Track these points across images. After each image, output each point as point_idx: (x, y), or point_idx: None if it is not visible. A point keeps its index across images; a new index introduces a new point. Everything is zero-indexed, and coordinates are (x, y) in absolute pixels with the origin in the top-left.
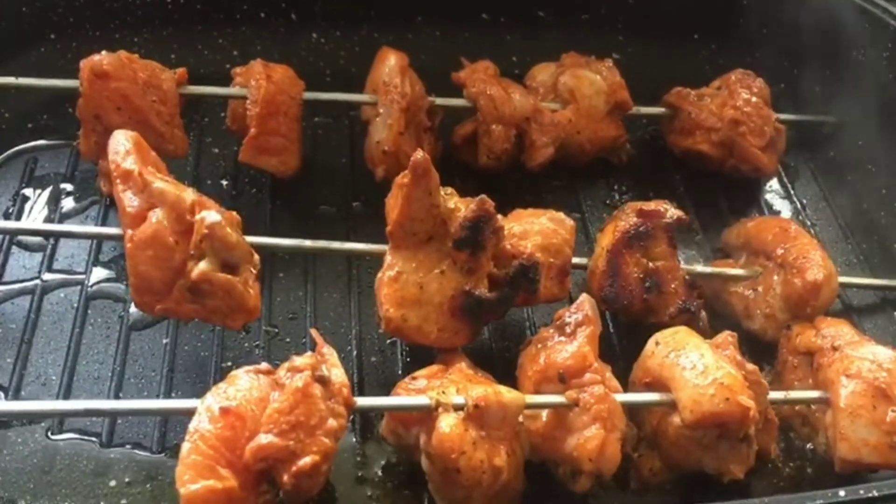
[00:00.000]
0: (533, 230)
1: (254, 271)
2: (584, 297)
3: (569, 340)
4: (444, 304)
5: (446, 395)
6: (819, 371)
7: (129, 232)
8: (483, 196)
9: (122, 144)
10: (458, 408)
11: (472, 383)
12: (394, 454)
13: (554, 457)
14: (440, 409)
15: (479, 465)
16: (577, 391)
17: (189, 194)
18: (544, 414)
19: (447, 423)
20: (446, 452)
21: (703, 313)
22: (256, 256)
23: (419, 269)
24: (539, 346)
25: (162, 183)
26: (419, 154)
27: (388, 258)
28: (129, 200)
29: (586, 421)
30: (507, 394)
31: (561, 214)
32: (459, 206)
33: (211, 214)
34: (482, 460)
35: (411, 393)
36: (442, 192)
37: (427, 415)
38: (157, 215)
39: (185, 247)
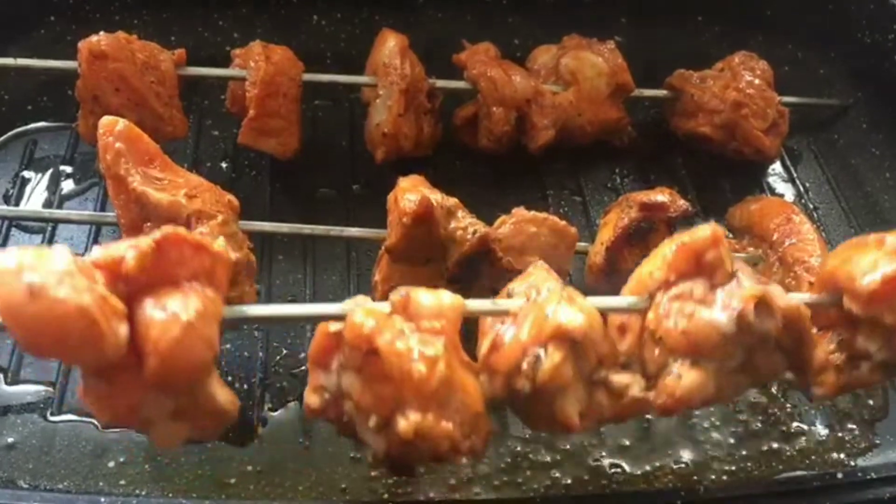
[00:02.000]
0: (531, 245)
1: (250, 288)
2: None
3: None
4: None
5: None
6: None
7: (124, 236)
8: (486, 232)
9: (111, 142)
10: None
11: None
12: None
13: (512, 355)
14: (358, 307)
15: (405, 352)
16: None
17: (184, 203)
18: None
19: (361, 311)
20: (359, 331)
21: None
22: (253, 259)
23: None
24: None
25: (157, 194)
26: (421, 202)
27: (384, 266)
28: (123, 208)
29: (542, 301)
30: (441, 293)
31: (563, 224)
32: (465, 224)
33: (206, 234)
34: (410, 347)
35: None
36: (446, 202)
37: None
38: (151, 232)
39: None
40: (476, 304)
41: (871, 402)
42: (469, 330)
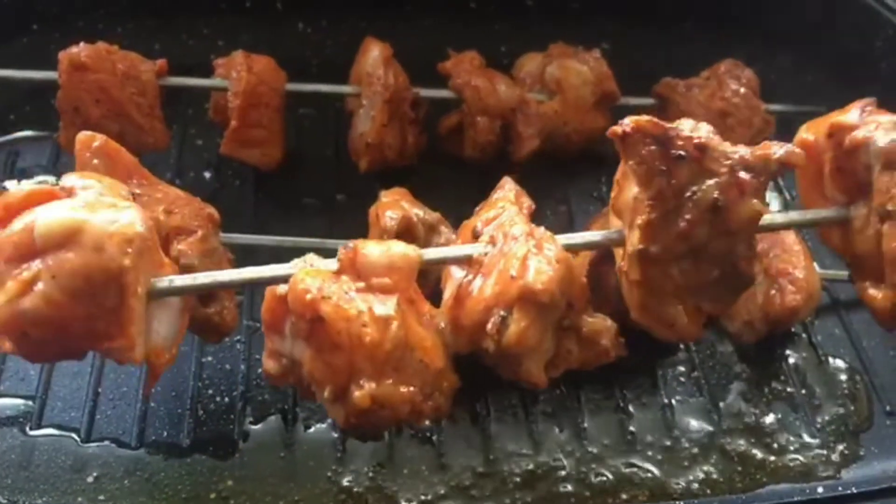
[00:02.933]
0: None
1: (230, 303)
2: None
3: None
4: None
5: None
6: None
7: None
8: None
9: (88, 159)
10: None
11: None
12: None
13: (477, 312)
14: (302, 267)
15: (353, 315)
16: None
17: (163, 220)
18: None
19: (303, 272)
20: (301, 297)
21: None
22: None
23: None
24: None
25: None
26: (402, 221)
27: None
28: None
29: (509, 252)
30: (394, 244)
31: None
32: (447, 240)
33: (184, 254)
34: (360, 310)
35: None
36: (428, 217)
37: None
38: None
39: None
40: (434, 253)
41: (855, 413)
42: None
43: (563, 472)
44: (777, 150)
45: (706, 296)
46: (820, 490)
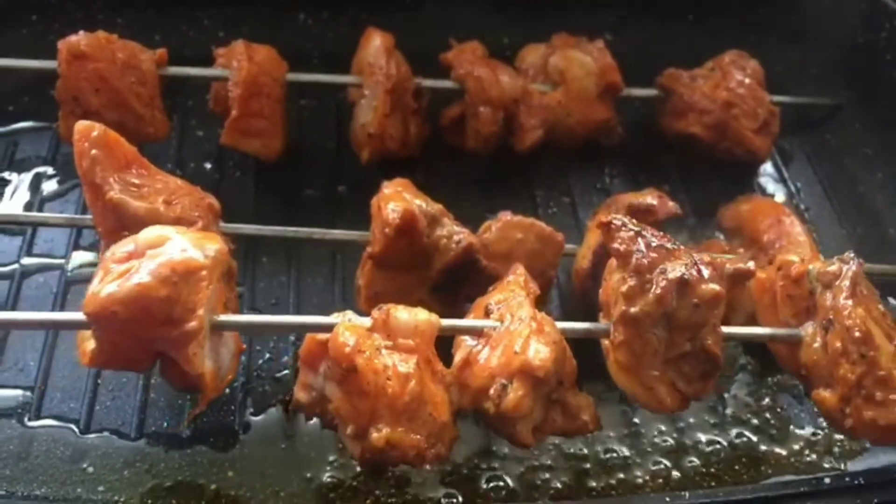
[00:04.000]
0: (517, 252)
1: (231, 293)
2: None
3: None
4: None
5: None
6: None
7: (103, 243)
8: (470, 242)
9: (87, 149)
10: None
11: None
12: None
13: (482, 378)
14: (343, 321)
15: (381, 369)
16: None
17: (162, 212)
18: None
19: (344, 327)
20: (341, 349)
21: None
22: (234, 265)
23: (398, 292)
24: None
25: (134, 202)
26: (404, 214)
27: (368, 271)
28: (100, 215)
29: (514, 330)
30: (419, 311)
31: (550, 230)
32: (450, 232)
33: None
34: (386, 365)
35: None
36: (431, 209)
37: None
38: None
39: None
40: (451, 323)
41: None
42: None
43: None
44: (729, 266)
45: (680, 372)
46: (826, 481)
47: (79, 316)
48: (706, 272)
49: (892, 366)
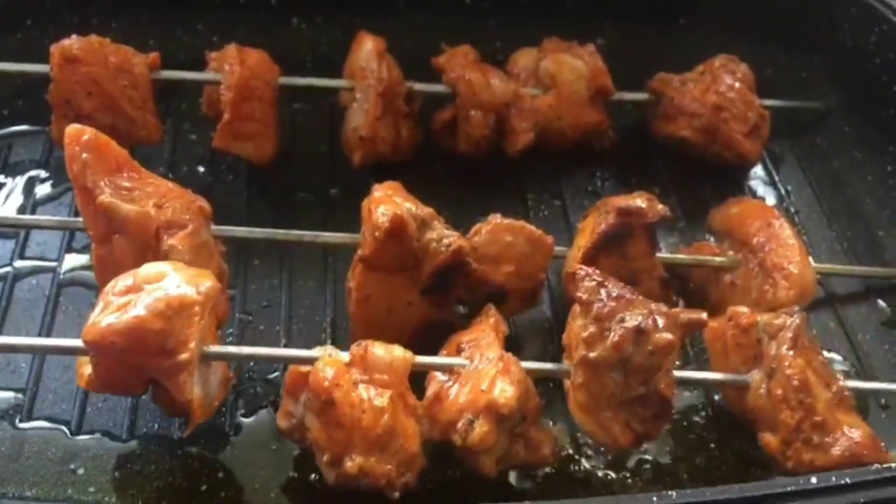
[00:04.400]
0: (507, 255)
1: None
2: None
3: None
4: (410, 330)
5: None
6: None
7: (94, 245)
8: (460, 245)
9: (77, 152)
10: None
11: None
12: None
13: (451, 413)
14: (324, 355)
15: (357, 402)
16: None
17: (153, 215)
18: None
19: (324, 362)
20: (320, 383)
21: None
22: (225, 267)
23: (389, 294)
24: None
25: (125, 206)
26: (394, 218)
27: (359, 274)
28: (91, 219)
29: (482, 369)
30: (395, 349)
31: (540, 233)
32: (439, 235)
33: (175, 249)
34: (361, 399)
35: None
36: (421, 212)
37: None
38: (119, 244)
39: None
40: (424, 360)
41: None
42: None
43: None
44: (683, 316)
45: (635, 413)
46: (813, 480)
47: (78, 343)
48: (661, 321)
49: (827, 412)
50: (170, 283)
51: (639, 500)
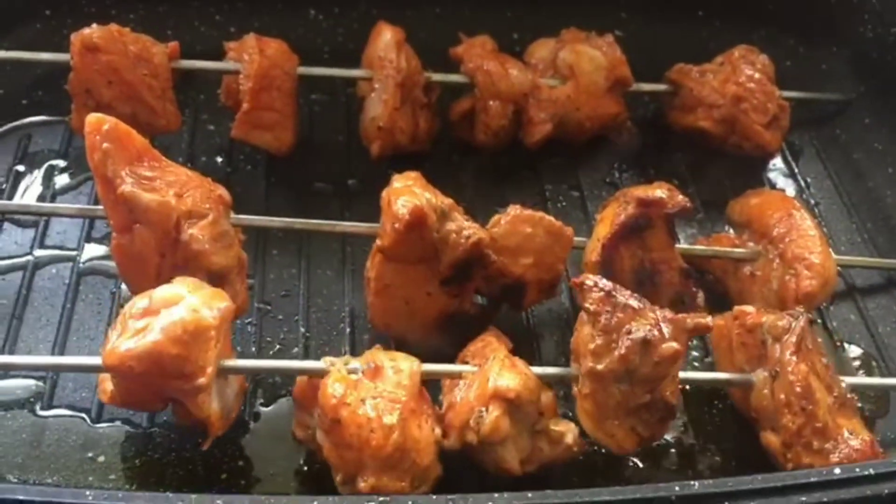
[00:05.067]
0: (526, 246)
1: (241, 286)
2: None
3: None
4: (429, 320)
5: (345, 360)
6: None
7: (115, 235)
8: (479, 237)
9: (98, 142)
10: (352, 372)
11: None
12: None
13: (463, 413)
14: (332, 369)
15: (365, 422)
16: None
17: (174, 205)
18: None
19: (332, 378)
20: (328, 401)
21: (700, 299)
22: (244, 256)
23: (407, 285)
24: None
25: (146, 195)
26: (413, 210)
27: (377, 264)
28: (112, 209)
29: (488, 368)
30: (403, 359)
31: (560, 225)
32: (459, 226)
33: (196, 238)
34: (369, 417)
35: None
36: (441, 203)
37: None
38: (140, 234)
39: (173, 259)
40: (435, 367)
41: (871, 400)
42: None
43: None
44: (689, 321)
45: (640, 419)
46: (837, 471)
47: (98, 361)
48: (667, 331)
49: (828, 418)
50: (186, 306)
51: (661, 489)
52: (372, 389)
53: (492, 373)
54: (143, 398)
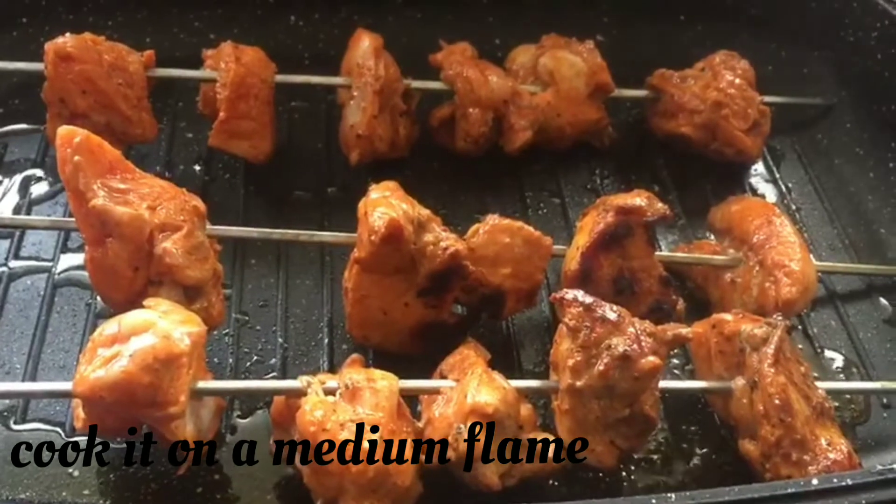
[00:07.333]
0: (505, 256)
1: (217, 298)
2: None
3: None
4: (406, 330)
5: (321, 378)
6: None
7: (87, 248)
8: (457, 249)
9: (69, 155)
10: (329, 392)
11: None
12: None
13: (442, 429)
14: (310, 391)
15: (344, 448)
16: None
17: (147, 218)
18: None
19: (310, 401)
20: (307, 428)
21: (680, 307)
22: (220, 268)
23: (385, 296)
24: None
25: (118, 209)
26: (390, 224)
27: (355, 275)
28: (84, 222)
29: (466, 383)
30: (381, 378)
31: (538, 234)
32: (437, 238)
33: (170, 252)
34: (350, 443)
35: None
36: (418, 214)
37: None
38: (113, 247)
39: (146, 273)
40: (412, 384)
41: (851, 406)
42: None
43: None
44: (669, 333)
45: (620, 432)
46: (814, 482)
47: (68, 387)
48: (646, 345)
49: (806, 430)
50: (157, 332)
51: (636, 501)
52: (350, 412)
53: (470, 388)
54: (116, 425)
